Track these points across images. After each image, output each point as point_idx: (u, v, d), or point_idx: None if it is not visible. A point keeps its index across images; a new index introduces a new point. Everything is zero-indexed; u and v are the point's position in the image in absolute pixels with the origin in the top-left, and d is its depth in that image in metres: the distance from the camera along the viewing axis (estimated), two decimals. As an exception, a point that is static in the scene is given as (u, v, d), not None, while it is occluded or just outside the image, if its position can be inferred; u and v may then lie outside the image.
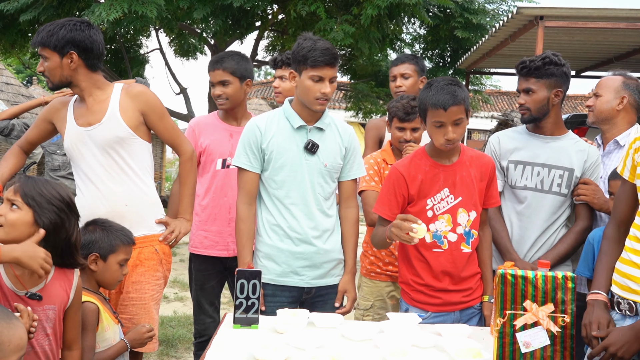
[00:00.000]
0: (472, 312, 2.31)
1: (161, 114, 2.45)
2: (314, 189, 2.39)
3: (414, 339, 1.93)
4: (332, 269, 2.46)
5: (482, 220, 2.33)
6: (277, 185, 2.39)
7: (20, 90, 9.97)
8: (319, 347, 1.85)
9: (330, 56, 2.29)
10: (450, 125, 2.15)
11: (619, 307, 1.86)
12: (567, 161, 2.49)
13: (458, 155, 2.28)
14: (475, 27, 8.82)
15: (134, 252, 2.32)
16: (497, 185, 2.38)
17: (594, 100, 2.66)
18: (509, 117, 10.11)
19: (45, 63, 2.32)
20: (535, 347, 1.77)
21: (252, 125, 2.42)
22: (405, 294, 2.34)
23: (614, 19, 5.97)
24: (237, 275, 2.05)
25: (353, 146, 2.49)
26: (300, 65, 2.32)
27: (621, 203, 1.96)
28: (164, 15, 6.68)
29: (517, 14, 6.03)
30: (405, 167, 2.28)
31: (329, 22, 6.78)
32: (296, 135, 2.39)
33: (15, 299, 1.76)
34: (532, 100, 2.45)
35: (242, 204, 2.40)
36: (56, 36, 2.27)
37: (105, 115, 2.34)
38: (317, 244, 2.39)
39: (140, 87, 2.44)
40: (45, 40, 2.28)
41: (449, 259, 2.24)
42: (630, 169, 1.91)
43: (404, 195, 2.25)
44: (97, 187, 2.36)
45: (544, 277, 1.79)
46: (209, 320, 2.97)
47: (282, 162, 2.37)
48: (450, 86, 2.16)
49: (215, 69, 2.86)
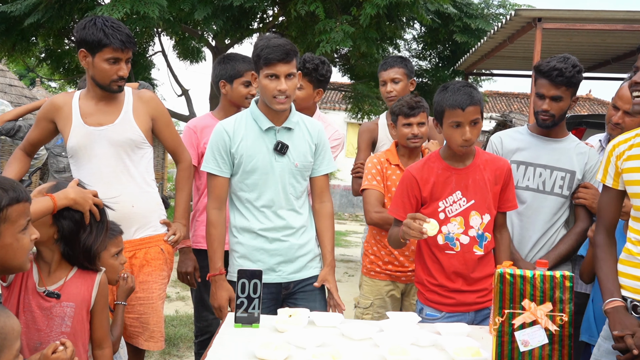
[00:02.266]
0: (487, 312, 2.30)
1: (168, 121, 2.51)
2: (286, 189, 2.39)
3: (414, 338, 1.94)
4: (308, 261, 2.45)
5: (499, 224, 2.34)
6: (249, 188, 2.38)
7: (23, 92, 9.94)
8: (319, 345, 1.86)
9: (282, 52, 2.25)
10: (468, 125, 2.17)
11: (636, 310, 1.85)
12: (568, 163, 2.50)
13: (472, 159, 2.30)
14: (474, 31, 8.85)
15: (141, 253, 2.35)
16: (513, 189, 2.36)
17: (622, 118, 2.50)
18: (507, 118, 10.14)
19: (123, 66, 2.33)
20: (533, 346, 1.77)
21: (220, 129, 2.40)
22: (420, 294, 2.37)
23: (612, 21, 5.99)
24: (238, 275, 2.06)
25: (322, 142, 2.48)
26: (257, 66, 2.32)
27: (607, 210, 1.97)
28: (166, 17, 6.68)
29: (515, 16, 6.04)
30: (419, 170, 2.31)
31: (328, 23, 6.78)
32: (265, 137, 2.38)
33: (34, 294, 1.80)
34: (559, 107, 2.42)
35: (212, 209, 2.41)
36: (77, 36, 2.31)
37: (119, 117, 2.36)
38: (290, 240, 2.40)
39: (151, 93, 2.48)
40: (129, 42, 2.31)
41: (460, 261, 2.26)
42: (613, 176, 1.92)
43: (416, 197, 2.28)
44: (104, 189, 2.30)
45: (542, 276, 1.79)
46: (211, 317, 2.95)
47: (252, 165, 2.36)
48: (466, 87, 2.19)
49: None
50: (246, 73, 2.85)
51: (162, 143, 2.54)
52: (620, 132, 2.52)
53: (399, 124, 2.75)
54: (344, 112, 14.57)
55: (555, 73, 2.37)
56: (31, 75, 19.34)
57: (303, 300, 2.39)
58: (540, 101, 2.45)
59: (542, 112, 2.45)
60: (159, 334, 2.41)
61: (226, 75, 2.89)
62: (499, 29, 6.67)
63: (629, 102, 2.46)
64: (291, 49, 2.29)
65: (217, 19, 7.05)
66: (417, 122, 2.71)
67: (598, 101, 20.87)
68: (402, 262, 2.78)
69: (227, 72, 2.89)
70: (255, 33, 8.84)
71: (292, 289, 2.44)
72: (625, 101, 2.48)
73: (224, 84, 2.90)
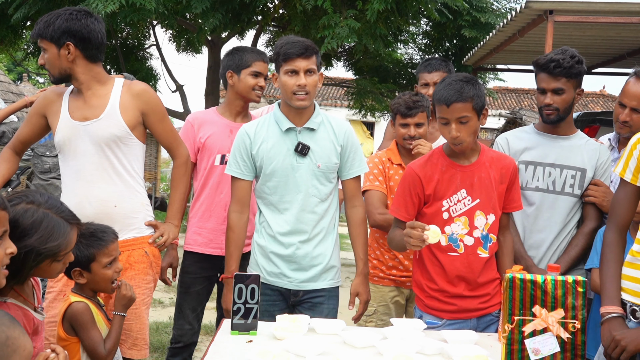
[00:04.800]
0: (490, 319, 2.23)
1: (162, 115, 2.39)
2: (308, 191, 2.35)
3: (419, 346, 1.88)
4: (323, 272, 2.41)
5: (503, 225, 2.26)
6: (270, 191, 2.37)
7: (10, 87, 9.86)
8: (319, 354, 1.80)
9: (301, 47, 2.27)
10: (454, 123, 2.09)
11: (635, 315, 1.80)
12: (579, 161, 2.42)
13: (477, 156, 2.21)
14: (483, 25, 8.71)
15: (123, 256, 2.26)
16: (519, 189, 2.29)
17: (630, 115, 2.41)
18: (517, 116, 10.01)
19: (45, 55, 2.25)
20: (544, 354, 1.72)
21: (242, 132, 2.42)
22: (419, 300, 2.28)
23: (627, 14, 5.86)
24: (235, 280, 2.00)
25: (351, 143, 2.43)
26: (277, 64, 2.32)
27: (622, 206, 1.89)
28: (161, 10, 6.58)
29: (525, 8, 5.92)
30: (421, 167, 2.22)
31: (333, 17, 6.69)
32: (286, 139, 2.36)
33: (41, 323, 1.70)
34: (562, 100, 2.36)
35: (234, 212, 2.41)
36: (52, 26, 2.20)
37: (104, 112, 2.27)
38: (306, 248, 2.36)
39: (142, 85, 2.37)
40: (42, 31, 2.22)
41: (464, 263, 2.17)
42: (633, 171, 1.84)
43: (419, 195, 2.20)
44: (86, 186, 2.28)
45: (554, 281, 1.74)
46: (187, 327, 2.87)
47: (272, 167, 2.35)
48: (459, 82, 2.09)
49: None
50: (254, 63, 2.80)
51: (156, 139, 2.45)
52: (629, 130, 2.43)
53: (397, 123, 2.69)
54: (345, 108, 14.45)
55: (553, 65, 2.32)
56: (18, 69, 19.26)
57: (309, 311, 2.34)
58: (542, 96, 2.40)
59: (545, 106, 2.39)
60: (142, 341, 2.32)
61: (234, 65, 2.82)
62: (509, 21, 6.55)
63: (636, 98, 2.37)
64: (310, 45, 2.30)
65: (216, 12, 6.94)
66: (415, 122, 2.64)
67: (612, 97, 20.60)
68: (406, 267, 2.71)
69: (234, 62, 2.82)
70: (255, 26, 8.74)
71: (301, 297, 2.40)
72: (632, 98, 2.39)
73: (231, 75, 2.82)
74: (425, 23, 9.93)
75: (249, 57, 2.81)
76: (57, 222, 1.63)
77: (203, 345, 3.99)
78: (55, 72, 2.26)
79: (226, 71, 2.83)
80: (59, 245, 1.62)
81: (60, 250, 1.64)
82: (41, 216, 1.61)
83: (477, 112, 2.12)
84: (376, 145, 18.21)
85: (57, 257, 1.64)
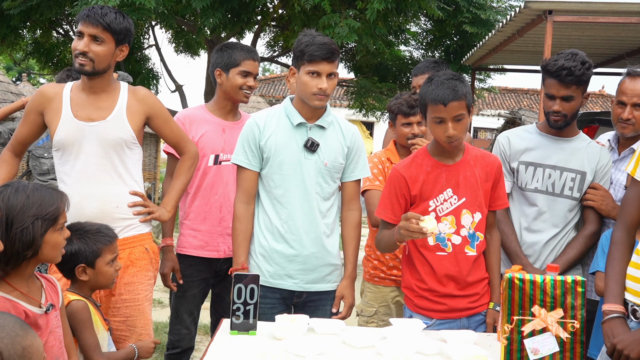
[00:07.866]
0: (480, 318, 2.23)
1: (167, 117, 2.42)
2: (313, 188, 2.34)
3: (418, 346, 1.88)
4: (327, 274, 2.40)
5: (489, 223, 2.26)
6: (276, 184, 2.35)
7: (9, 87, 9.78)
8: (319, 354, 1.79)
9: (327, 51, 2.25)
10: (451, 122, 2.09)
11: (635, 315, 1.80)
12: (579, 164, 2.41)
13: (462, 154, 2.21)
14: (484, 22, 8.70)
15: (124, 253, 2.27)
16: (504, 186, 2.29)
17: (631, 112, 2.39)
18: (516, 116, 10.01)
19: (96, 46, 2.21)
20: (544, 354, 1.72)
21: (252, 122, 2.39)
22: (408, 300, 2.27)
23: (626, 14, 5.86)
24: (235, 280, 1.99)
25: (357, 145, 2.44)
26: (299, 61, 2.30)
27: (631, 206, 1.88)
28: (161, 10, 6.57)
29: (524, 8, 5.92)
30: (406, 167, 2.21)
31: (333, 17, 6.68)
32: (296, 133, 2.35)
33: (40, 317, 1.70)
34: (571, 107, 2.33)
35: (240, 203, 2.38)
36: (122, 25, 2.23)
37: (111, 114, 2.28)
38: (312, 248, 2.34)
39: (145, 90, 2.40)
40: (112, 24, 2.21)
41: (452, 262, 2.17)
42: None
43: (405, 197, 2.19)
44: (89, 187, 2.27)
45: (553, 281, 1.74)
46: (184, 332, 2.83)
47: (280, 159, 2.33)
48: (451, 81, 2.09)
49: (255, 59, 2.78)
50: (243, 62, 2.72)
51: (164, 140, 2.46)
52: (632, 129, 2.42)
53: (398, 124, 2.68)
54: (345, 108, 14.40)
55: (565, 73, 2.27)
56: (17, 68, 19.03)
57: (311, 314, 2.30)
58: (550, 102, 2.36)
59: (553, 113, 2.36)
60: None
61: (222, 63, 2.73)
62: (508, 21, 6.55)
63: (637, 94, 2.37)
64: (336, 49, 2.29)
65: (215, 12, 6.93)
66: (417, 121, 2.63)
67: (611, 98, 20.58)
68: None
69: (223, 60, 2.73)
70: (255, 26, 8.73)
71: (305, 298, 2.39)
72: (632, 94, 2.38)
73: (219, 73, 2.74)
74: (425, 21, 9.93)
75: (239, 56, 2.71)
76: (46, 189, 1.74)
77: (202, 345, 3.99)
78: (101, 66, 2.24)
79: (215, 68, 2.76)
80: (58, 207, 1.71)
81: (59, 213, 1.72)
82: (32, 188, 1.71)
83: (469, 109, 2.13)
84: (375, 145, 18.18)
85: (57, 224, 1.71)
